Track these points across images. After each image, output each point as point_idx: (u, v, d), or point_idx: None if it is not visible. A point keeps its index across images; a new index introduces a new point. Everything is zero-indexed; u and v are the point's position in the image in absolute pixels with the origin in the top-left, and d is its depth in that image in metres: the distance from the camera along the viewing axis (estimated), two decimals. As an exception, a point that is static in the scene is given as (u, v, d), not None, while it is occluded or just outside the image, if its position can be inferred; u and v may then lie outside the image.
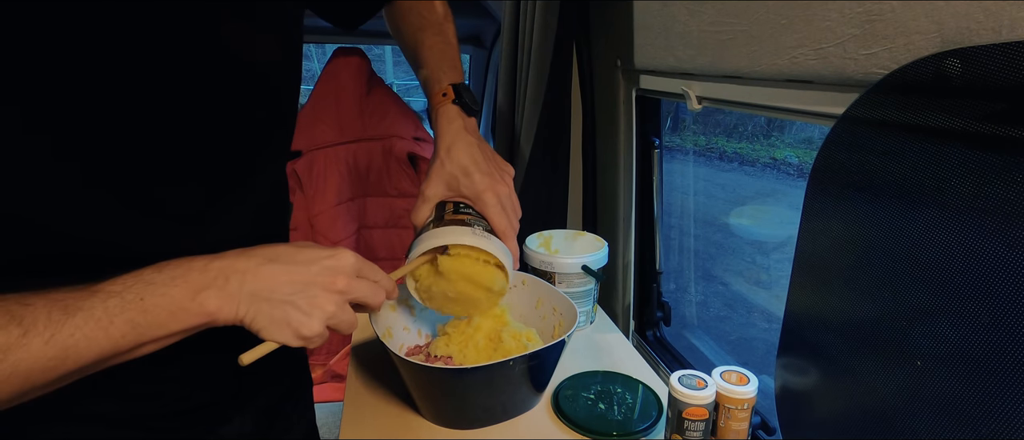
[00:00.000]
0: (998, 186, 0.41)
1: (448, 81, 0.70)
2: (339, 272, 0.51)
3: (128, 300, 0.43)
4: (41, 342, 0.40)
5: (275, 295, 0.48)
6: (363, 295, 0.53)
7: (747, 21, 0.68)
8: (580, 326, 1.01)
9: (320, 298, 0.50)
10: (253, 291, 0.48)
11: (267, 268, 0.49)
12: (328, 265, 0.51)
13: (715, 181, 2.01)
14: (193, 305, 0.45)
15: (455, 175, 0.67)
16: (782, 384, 0.68)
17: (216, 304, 0.46)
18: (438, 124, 0.68)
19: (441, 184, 0.68)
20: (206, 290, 0.46)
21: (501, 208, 0.68)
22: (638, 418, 0.77)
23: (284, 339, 0.49)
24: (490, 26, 2.42)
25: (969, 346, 0.44)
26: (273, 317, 0.48)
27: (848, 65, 0.56)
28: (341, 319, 0.51)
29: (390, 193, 2.05)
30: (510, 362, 0.68)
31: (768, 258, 1.81)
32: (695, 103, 0.86)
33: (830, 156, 0.57)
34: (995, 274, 0.42)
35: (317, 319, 0.49)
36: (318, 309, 0.49)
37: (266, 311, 0.48)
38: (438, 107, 0.69)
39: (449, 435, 0.76)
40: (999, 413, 0.42)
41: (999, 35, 0.42)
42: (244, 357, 0.51)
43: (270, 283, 0.48)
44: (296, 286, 0.49)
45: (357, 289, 0.52)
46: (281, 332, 0.49)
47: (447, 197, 0.69)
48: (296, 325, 0.49)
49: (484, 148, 0.69)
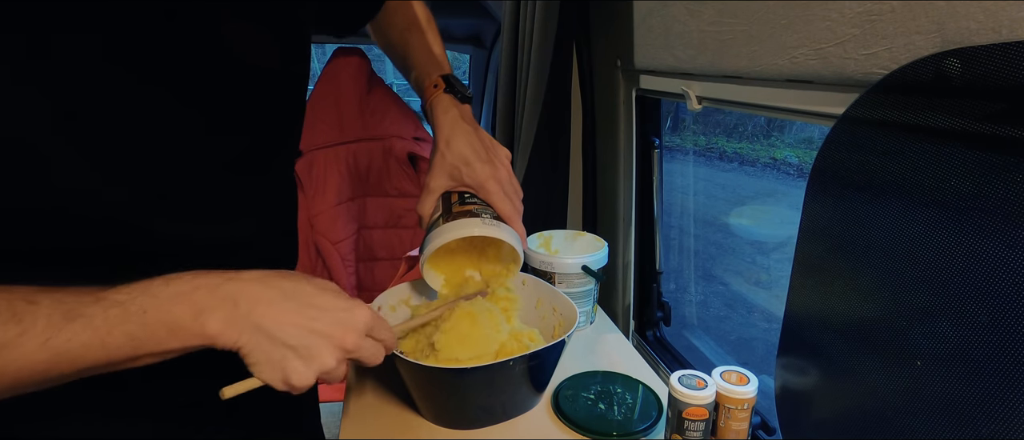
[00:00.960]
0: (998, 186, 0.41)
1: (438, 73, 0.72)
2: (351, 329, 0.49)
3: (131, 312, 0.42)
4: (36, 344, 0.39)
5: (279, 334, 0.46)
6: (366, 356, 0.52)
7: (747, 21, 0.68)
8: (580, 326, 1.01)
9: (324, 352, 0.48)
10: (259, 324, 0.46)
11: (280, 305, 0.47)
12: (342, 318, 0.49)
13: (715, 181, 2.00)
14: (194, 325, 0.44)
15: (457, 165, 0.69)
16: (782, 384, 0.68)
17: (218, 328, 0.45)
18: (435, 115, 0.70)
19: (444, 175, 0.70)
20: (211, 312, 0.44)
21: (504, 194, 0.70)
22: (638, 418, 0.77)
23: (272, 382, 0.48)
24: (490, 26, 2.42)
25: (969, 346, 0.44)
26: (270, 357, 0.47)
27: (848, 65, 0.56)
28: (335, 375, 0.50)
29: (390, 193, 2.05)
30: (510, 362, 0.68)
31: (768, 258, 1.81)
32: (695, 103, 0.86)
33: (830, 156, 0.57)
34: (995, 274, 0.42)
35: (313, 371, 0.48)
36: (317, 361, 0.48)
37: (265, 348, 0.46)
38: (432, 98, 0.71)
39: (449, 435, 0.76)
40: (999, 413, 0.42)
41: (999, 35, 0.42)
42: (226, 390, 0.49)
43: (279, 321, 0.46)
44: (304, 333, 0.47)
45: (363, 350, 0.51)
46: (272, 375, 0.47)
47: (451, 187, 0.72)
48: (289, 372, 0.47)
49: (481, 135, 0.71)
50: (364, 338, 0.51)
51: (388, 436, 0.75)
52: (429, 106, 0.71)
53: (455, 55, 2.72)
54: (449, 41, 2.66)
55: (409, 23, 0.75)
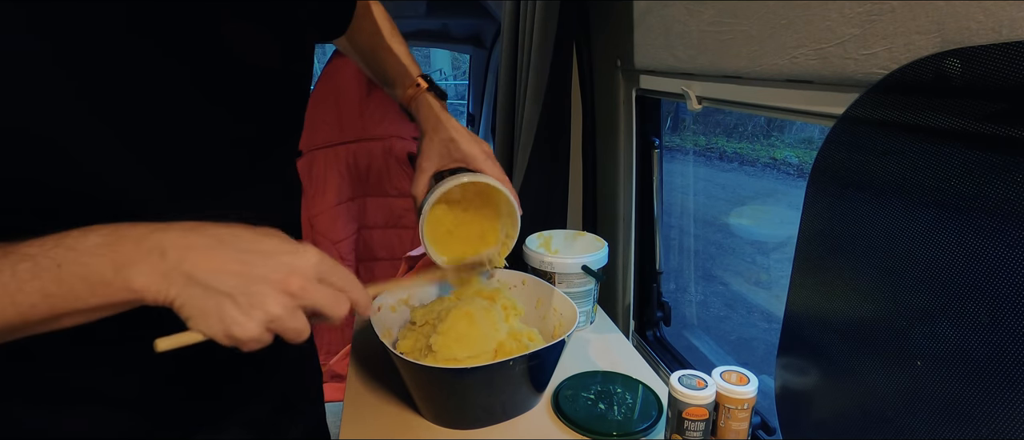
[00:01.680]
0: (998, 186, 0.41)
1: (417, 74, 0.79)
2: (295, 272, 0.44)
3: (42, 266, 0.39)
4: None
5: (214, 283, 0.42)
6: (320, 303, 0.46)
7: (747, 21, 0.68)
8: (580, 326, 1.01)
9: (266, 297, 0.43)
10: (190, 273, 0.41)
11: (214, 251, 0.43)
12: (285, 262, 0.44)
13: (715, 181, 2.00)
14: (116, 279, 0.40)
15: (445, 143, 0.74)
16: (782, 384, 0.68)
17: (143, 282, 0.40)
18: (420, 109, 0.77)
19: (434, 154, 0.75)
20: (134, 265, 0.40)
21: (492, 162, 0.75)
22: (638, 418, 0.77)
23: (212, 334, 0.43)
24: (490, 26, 2.43)
25: (969, 346, 0.44)
26: (205, 307, 0.42)
27: (848, 65, 0.56)
28: (286, 326, 0.44)
29: (390, 193, 2.05)
30: (510, 362, 0.68)
31: (768, 258, 1.81)
32: (695, 103, 0.86)
33: (830, 156, 0.57)
34: (995, 274, 0.42)
35: (256, 321, 0.43)
36: (259, 309, 0.43)
37: (199, 299, 0.42)
38: (417, 96, 0.78)
39: (449, 435, 0.76)
40: (999, 413, 0.42)
41: (999, 35, 0.42)
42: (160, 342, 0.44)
43: (212, 267, 0.42)
44: (241, 278, 0.43)
45: (313, 295, 0.45)
46: (210, 326, 0.43)
47: (441, 166, 0.77)
48: (228, 322, 0.42)
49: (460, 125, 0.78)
50: (314, 283, 0.45)
51: (388, 436, 0.75)
52: (414, 103, 0.78)
53: (455, 55, 2.72)
54: (449, 41, 2.66)
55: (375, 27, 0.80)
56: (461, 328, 0.75)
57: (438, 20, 2.43)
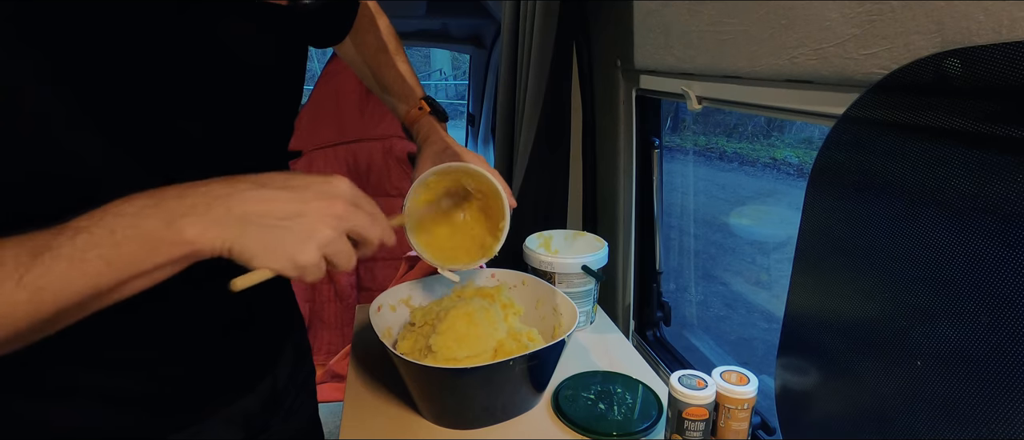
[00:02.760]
0: (998, 186, 0.41)
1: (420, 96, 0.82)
2: (337, 197, 0.47)
3: (98, 235, 0.40)
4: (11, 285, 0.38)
5: (267, 219, 0.44)
6: (361, 225, 0.49)
7: (747, 21, 0.68)
8: (580, 326, 1.01)
9: (317, 223, 0.46)
10: (242, 215, 0.43)
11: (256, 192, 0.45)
12: (324, 190, 0.47)
13: (715, 181, 2.01)
14: (169, 234, 0.42)
15: (440, 152, 0.76)
16: (782, 384, 0.68)
17: (196, 231, 0.42)
18: (420, 131, 0.80)
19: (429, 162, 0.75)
20: (184, 217, 0.42)
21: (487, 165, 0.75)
22: (638, 418, 0.77)
23: (279, 266, 0.45)
24: (490, 26, 2.43)
25: (969, 346, 0.44)
26: (265, 242, 0.44)
27: (848, 65, 0.56)
28: (338, 249, 0.47)
29: (390, 193, 2.05)
30: (510, 362, 0.68)
31: (768, 258, 1.81)
32: (695, 103, 0.86)
33: (830, 156, 0.57)
34: (995, 274, 0.42)
35: (314, 245, 0.46)
36: (315, 235, 0.46)
37: (256, 235, 0.44)
38: (420, 118, 0.80)
39: (449, 435, 0.76)
40: (999, 413, 0.42)
41: (999, 35, 0.42)
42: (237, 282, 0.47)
43: (261, 206, 0.44)
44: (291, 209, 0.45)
45: (354, 217, 0.48)
46: (275, 258, 0.45)
47: None
48: (292, 251, 0.45)
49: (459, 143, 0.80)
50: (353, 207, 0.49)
51: (388, 436, 0.75)
52: (416, 124, 0.80)
53: (455, 55, 2.72)
54: (449, 41, 2.66)
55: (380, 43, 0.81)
56: (460, 328, 0.75)
57: (438, 20, 2.43)
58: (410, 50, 0.84)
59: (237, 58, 0.53)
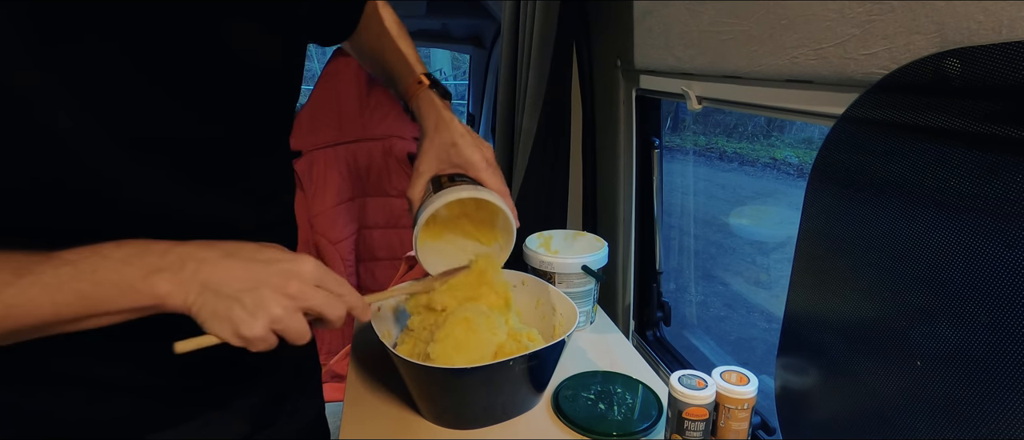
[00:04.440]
0: (998, 186, 0.41)
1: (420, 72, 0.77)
2: (293, 276, 0.50)
3: (82, 270, 0.43)
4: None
5: (223, 289, 0.47)
6: (318, 305, 0.51)
7: (747, 21, 0.68)
8: (580, 326, 1.01)
9: (268, 300, 0.48)
10: (205, 281, 0.47)
11: (224, 262, 0.48)
12: (284, 268, 0.50)
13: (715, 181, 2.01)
14: (144, 286, 0.45)
15: (446, 147, 0.72)
16: (782, 384, 0.68)
17: (167, 288, 0.46)
18: (421, 107, 0.75)
19: (433, 158, 0.73)
20: (160, 273, 0.46)
21: (493, 171, 0.73)
22: (638, 418, 0.77)
23: (223, 335, 0.48)
24: (490, 26, 2.43)
25: (969, 346, 0.44)
26: (216, 311, 0.47)
27: (848, 65, 0.56)
28: (288, 325, 0.49)
29: (390, 193, 2.05)
30: (510, 362, 0.68)
31: (768, 258, 1.81)
32: (695, 103, 0.86)
33: (830, 156, 0.57)
34: (995, 274, 0.42)
35: (260, 321, 0.48)
36: (263, 311, 0.48)
37: (211, 303, 0.47)
38: (419, 93, 0.75)
39: (449, 435, 0.76)
40: (999, 413, 0.42)
41: (999, 35, 0.42)
42: (179, 345, 0.50)
43: (223, 276, 0.47)
44: (247, 283, 0.48)
45: (311, 298, 0.50)
46: (221, 327, 0.48)
47: (440, 170, 0.74)
48: (237, 322, 0.47)
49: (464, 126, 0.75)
50: (312, 287, 0.50)
51: (388, 436, 0.75)
52: (416, 100, 0.76)
53: (455, 55, 2.72)
54: (449, 41, 2.66)
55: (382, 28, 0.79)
56: (459, 335, 0.74)
57: (438, 20, 2.43)
58: None
59: (241, 58, 0.53)
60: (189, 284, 0.46)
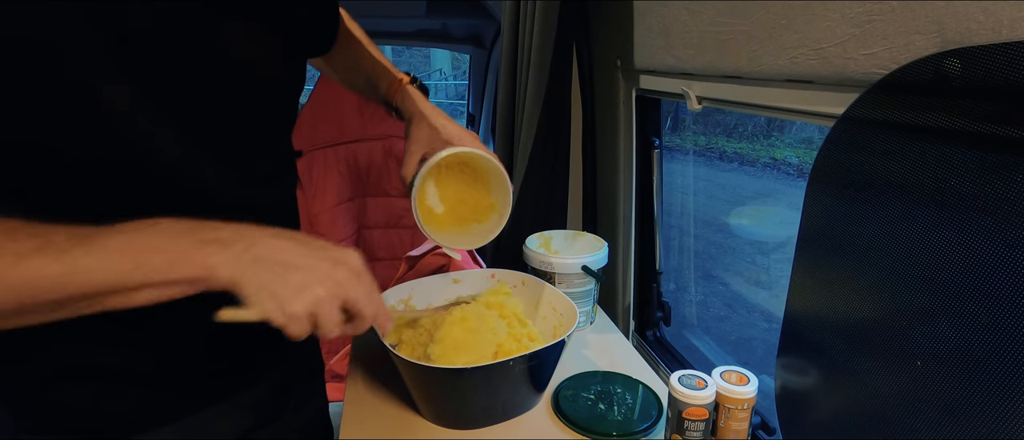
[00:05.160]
0: (998, 186, 0.41)
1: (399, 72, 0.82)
2: (343, 264, 0.51)
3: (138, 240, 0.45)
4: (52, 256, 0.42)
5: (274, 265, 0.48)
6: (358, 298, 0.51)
7: (747, 21, 0.68)
8: (580, 326, 1.01)
9: (315, 281, 0.49)
10: (256, 256, 0.47)
11: (276, 241, 0.49)
12: (335, 255, 0.51)
13: (715, 181, 2.01)
14: (197, 255, 0.46)
15: (434, 127, 0.76)
16: (782, 384, 0.68)
17: (217, 260, 0.46)
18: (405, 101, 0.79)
19: (422, 138, 0.76)
20: (212, 245, 0.47)
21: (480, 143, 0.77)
22: (638, 418, 0.77)
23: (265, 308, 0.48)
24: (490, 26, 2.42)
25: (969, 346, 0.44)
26: (263, 283, 0.47)
27: (848, 65, 0.56)
28: (326, 313, 0.50)
29: (390, 193, 2.05)
30: (510, 362, 0.68)
31: (768, 258, 1.81)
32: (695, 103, 0.86)
33: (830, 156, 0.57)
34: (995, 274, 0.42)
35: (304, 301, 0.48)
36: (309, 291, 0.48)
37: (260, 276, 0.47)
38: (402, 89, 0.80)
39: (449, 435, 0.76)
40: (999, 413, 0.42)
41: (999, 35, 0.42)
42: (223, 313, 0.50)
43: (274, 253, 0.48)
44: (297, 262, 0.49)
45: (354, 290, 0.51)
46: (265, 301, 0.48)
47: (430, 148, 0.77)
48: (281, 298, 0.48)
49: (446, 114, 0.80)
50: (356, 279, 0.51)
51: (388, 436, 0.75)
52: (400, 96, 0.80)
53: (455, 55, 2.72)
54: (449, 41, 2.66)
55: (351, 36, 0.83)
56: (457, 335, 0.75)
57: (438, 20, 2.43)
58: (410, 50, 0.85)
59: (240, 59, 0.54)
60: (241, 258, 0.47)
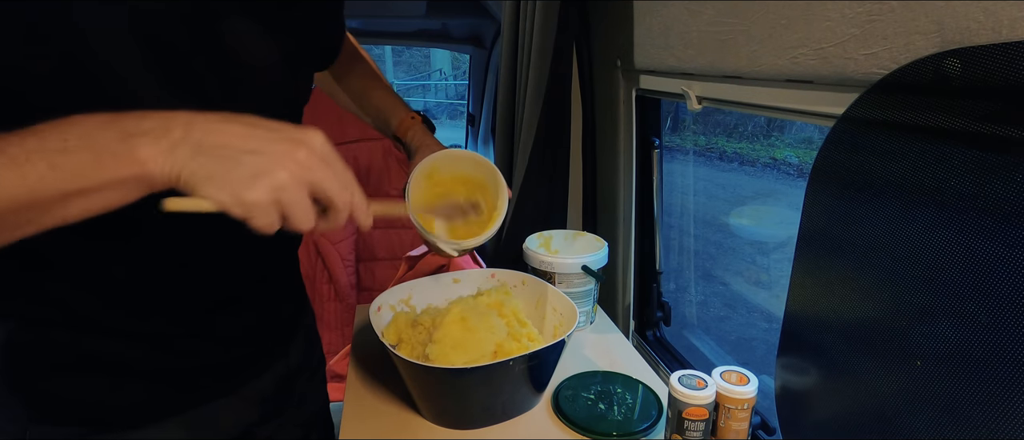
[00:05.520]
0: (998, 186, 0.41)
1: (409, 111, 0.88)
2: (302, 144, 0.43)
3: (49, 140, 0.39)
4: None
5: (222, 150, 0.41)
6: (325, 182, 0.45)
7: (747, 21, 0.68)
8: (580, 326, 1.01)
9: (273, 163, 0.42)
10: (198, 142, 0.41)
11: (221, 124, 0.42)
12: (292, 135, 0.44)
13: (715, 181, 2.01)
14: (122, 149, 0.39)
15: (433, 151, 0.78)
16: (782, 384, 0.68)
17: (149, 152, 0.40)
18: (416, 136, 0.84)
19: None
20: (142, 136, 0.40)
21: None
22: (638, 418, 0.77)
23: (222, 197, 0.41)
24: (490, 26, 2.42)
25: (969, 346, 0.44)
26: (212, 173, 0.41)
27: (848, 65, 0.56)
28: (293, 198, 0.43)
29: (390, 193, 2.05)
30: (510, 362, 0.68)
31: (768, 258, 1.81)
32: (695, 103, 0.86)
33: (830, 156, 0.57)
34: (995, 274, 0.42)
35: (264, 186, 0.41)
36: (268, 176, 0.41)
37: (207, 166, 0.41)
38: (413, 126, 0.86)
39: (449, 435, 0.76)
40: (999, 413, 0.42)
41: (999, 35, 0.42)
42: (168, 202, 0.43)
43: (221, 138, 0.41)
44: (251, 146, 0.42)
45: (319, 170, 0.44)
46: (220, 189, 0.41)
47: None
48: (236, 185, 0.41)
49: None
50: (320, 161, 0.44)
51: (388, 436, 0.75)
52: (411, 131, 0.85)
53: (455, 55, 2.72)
54: (449, 41, 2.66)
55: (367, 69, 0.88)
56: (456, 334, 0.75)
57: (438, 20, 2.43)
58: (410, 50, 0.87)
59: (241, 59, 0.54)
60: (179, 147, 0.40)
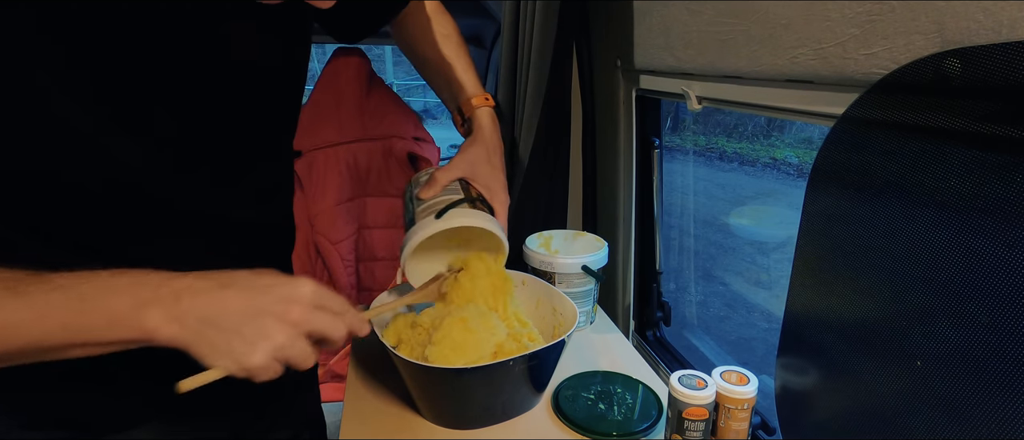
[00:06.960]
0: (998, 186, 0.41)
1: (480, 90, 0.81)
2: (294, 302, 0.48)
3: (70, 297, 0.43)
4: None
5: (222, 321, 0.46)
6: (322, 328, 0.50)
7: (747, 21, 0.68)
8: (580, 326, 1.01)
9: (270, 329, 0.47)
10: (202, 316, 0.45)
11: (220, 293, 0.46)
12: (284, 293, 0.48)
13: (715, 181, 2.01)
14: (132, 316, 0.44)
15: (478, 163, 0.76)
16: (782, 384, 0.68)
17: (156, 322, 0.44)
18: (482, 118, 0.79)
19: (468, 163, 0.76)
20: (151, 306, 0.44)
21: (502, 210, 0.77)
22: (638, 418, 0.77)
23: (225, 368, 0.47)
24: (490, 26, 2.42)
25: (969, 346, 0.44)
26: (216, 344, 0.46)
27: (848, 65, 0.56)
28: (293, 353, 0.48)
29: (390, 193, 2.05)
30: (510, 362, 0.68)
31: (768, 258, 1.81)
32: (695, 103, 0.86)
33: (830, 156, 0.57)
34: (995, 274, 0.42)
35: (262, 351, 0.46)
36: (265, 340, 0.46)
37: (210, 337, 0.46)
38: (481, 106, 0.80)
39: (449, 435, 0.76)
40: (999, 413, 0.42)
41: (999, 35, 0.42)
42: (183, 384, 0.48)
43: (220, 309, 0.46)
44: (246, 314, 0.47)
45: (314, 321, 0.49)
46: (222, 360, 0.46)
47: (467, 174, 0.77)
48: (238, 355, 0.46)
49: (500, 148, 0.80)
50: (313, 310, 0.49)
51: (388, 436, 0.75)
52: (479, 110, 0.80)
53: (455, 55, 2.71)
54: (449, 41, 2.66)
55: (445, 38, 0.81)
56: (456, 336, 0.74)
57: (438, 20, 2.43)
58: None
59: (239, 58, 0.54)
60: (185, 318, 0.45)
